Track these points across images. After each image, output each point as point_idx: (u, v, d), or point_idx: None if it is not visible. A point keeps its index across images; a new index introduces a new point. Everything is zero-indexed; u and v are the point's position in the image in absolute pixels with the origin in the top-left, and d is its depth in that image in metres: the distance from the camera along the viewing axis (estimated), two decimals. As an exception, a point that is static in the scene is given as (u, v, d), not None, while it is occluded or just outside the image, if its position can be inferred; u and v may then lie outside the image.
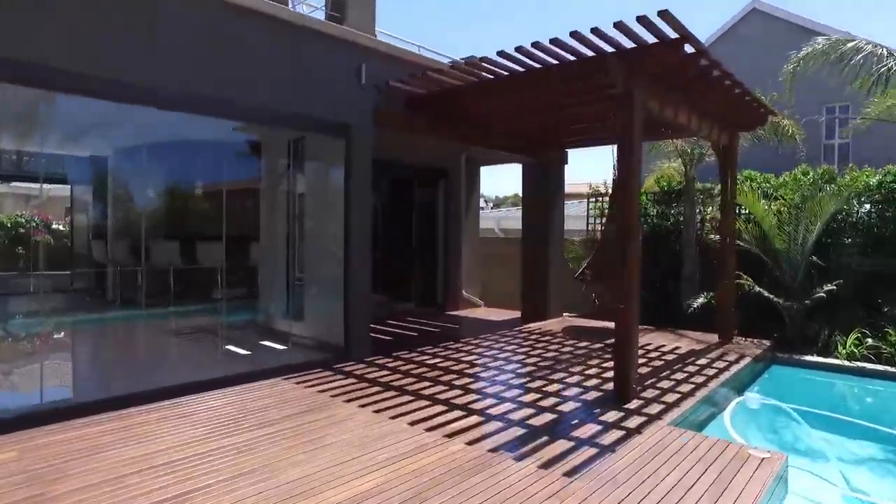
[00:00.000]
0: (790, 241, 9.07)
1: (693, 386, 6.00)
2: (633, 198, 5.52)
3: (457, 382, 6.04)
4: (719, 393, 6.21)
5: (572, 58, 5.69)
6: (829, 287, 8.70)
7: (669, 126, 7.29)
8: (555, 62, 5.87)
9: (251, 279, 8.92)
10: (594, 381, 6.13)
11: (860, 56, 8.09)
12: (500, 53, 5.82)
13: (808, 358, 8.31)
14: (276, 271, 8.29)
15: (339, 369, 6.46)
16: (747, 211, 9.87)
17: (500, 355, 7.45)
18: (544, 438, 4.40)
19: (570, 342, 8.27)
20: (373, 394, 5.55)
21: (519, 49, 5.66)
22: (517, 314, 10.85)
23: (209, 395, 5.43)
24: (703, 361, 7.14)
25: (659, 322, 10.16)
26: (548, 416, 4.95)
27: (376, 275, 10.72)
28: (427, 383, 5.95)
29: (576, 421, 4.85)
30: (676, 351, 7.71)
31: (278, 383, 5.92)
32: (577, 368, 6.70)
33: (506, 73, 6.36)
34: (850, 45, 8.33)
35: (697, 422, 5.45)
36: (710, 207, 10.77)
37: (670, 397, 5.58)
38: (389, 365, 6.73)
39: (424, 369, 6.55)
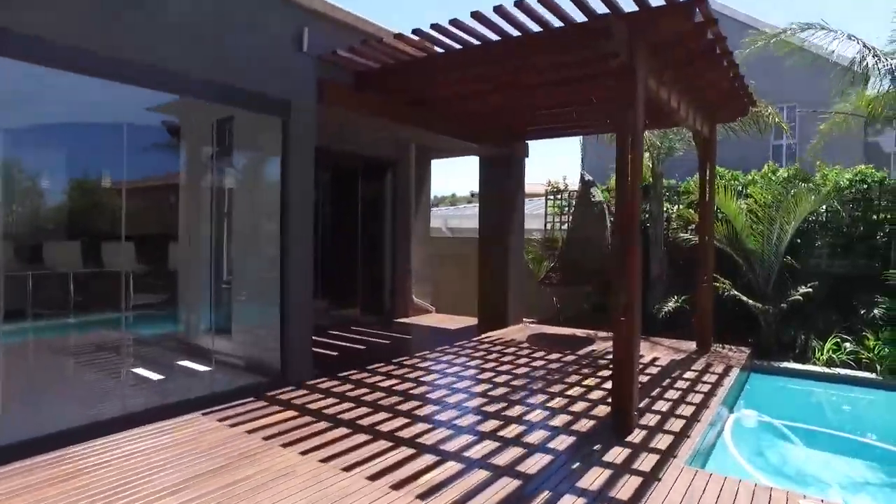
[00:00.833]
0: (764, 242, 8.56)
1: (692, 407, 5.21)
2: (634, 193, 4.66)
3: (419, 412, 5.00)
4: (717, 413, 5.47)
5: (561, 24, 4.77)
6: (804, 289, 8.23)
7: (657, 111, 6.52)
8: (539, 29, 4.93)
9: (169, 285, 7.53)
10: (581, 405, 5.24)
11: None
12: (475, 15, 4.81)
13: (787, 365, 7.80)
14: (198, 276, 6.96)
15: (275, 398, 5.28)
16: (718, 209, 9.33)
17: (465, 373, 6.46)
18: (546, 493, 3.44)
19: (539, 354, 7.38)
20: (318, 432, 4.42)
21: (498, 9, 4.68)
22: (473, 321, 9.91)
23: (95, 445, 4.12)
24: (690, 375, 6.42)
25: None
26: (541, 459, 3.99)
27: (317, 279, 9.55)
28: (384, 415, 4.88)
29: (577, 464, 3.91)
30: (657, 363, 6.97)
31: (197, 420, 4.68)
32: (557, 388, 5.80)
33: (478, 43, 5.38)
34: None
35: (704, 450, 4.66)
36: (677, 205, 10.21)
37: (673, 424, 4.76)
38: (336, 390, 5.60)
39: (378, 395, 5.47)
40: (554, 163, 44.47)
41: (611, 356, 7.22)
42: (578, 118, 7.63)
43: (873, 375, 7.29)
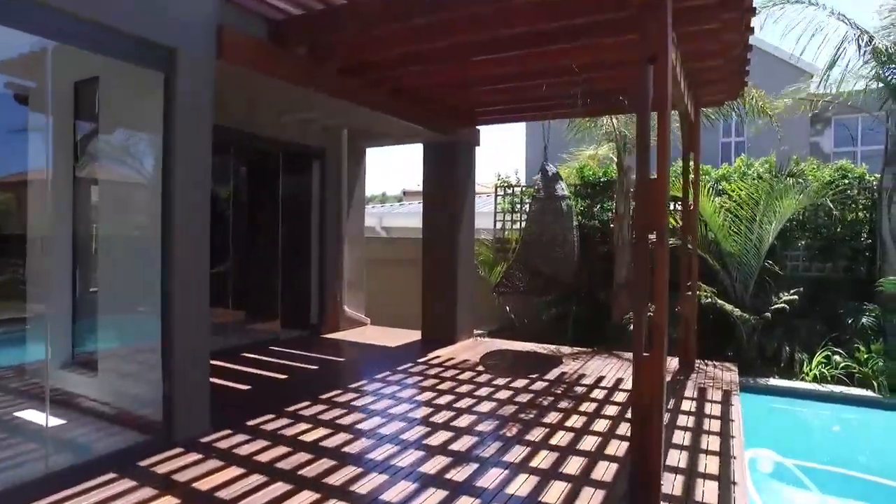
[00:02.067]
0: (743, 244, 7.67)
1: (714, 459, 4.06)
2: (662, 179, 3.41)
3: (360, 485, 3.54)
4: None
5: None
6: (788, 296, 7.39)
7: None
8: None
9: (12, 303, 5.66)
10: (578, 462, 3.95)
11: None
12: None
13: (775, 382, 6.91)
14: (50, 291, 5.16)
15: (152, 472, 3.67)
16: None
17: (415, 413, 5.05)
18: None
19: (501, 381, 6.08)
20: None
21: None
22: (414, 335, 8.50)
23: None
24: (687, 406, 5.30)
25: (590, 340, 8.37)
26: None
27: (225, 289, 7.85)
28: (310, 495, 3.39)
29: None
30: (643, 389, 5.83)
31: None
32: (538, 433, 4.50)
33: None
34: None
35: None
36: (642, 203, 9.21)
37: (701, 485, 3.57)
38: (242, 451, 4.05)
39: (305, 457, 3.96)
40: (493, 157, 43.51)
41: (587, 381, 6.17)
42: (546, 95, 6.38)
43: (871, 393, 6.49)
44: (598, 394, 5.64)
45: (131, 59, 4.02)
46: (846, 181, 7.99)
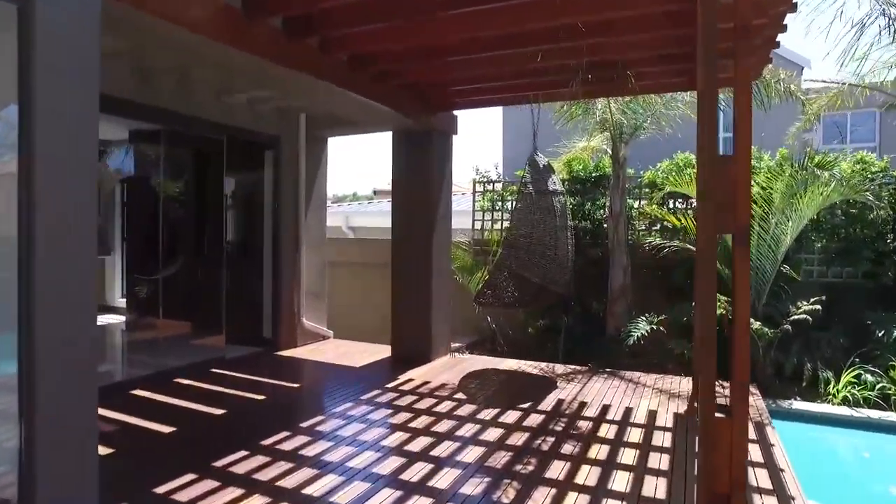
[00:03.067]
0: (756, 246, 6.75)
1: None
2: (743, 163, 2.40)
3: None
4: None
5: None
6: (809, 305, 6.51)
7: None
8: None
9: None
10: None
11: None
12: None
13: (800, 406, 6.00)
14: None
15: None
16: (695, 204, 7.48)
17: (383, 467, 3.94)
18: None
19: (489, 414, 5.01)
20: None
21: None
22: (384, 350, 7.39)
23: None
24: (717, 447, 4.31)
25: (582, 356, 7.38)
26: None
27: (155, 299, 6.64)
28: None
29: None
30: (659, 421, 4.83)
31: None
32: (542, 496, 3.44)
33: None
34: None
35: None
36: (639, 200, 8.27)
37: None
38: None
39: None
40: (466, 152, 42.09)
41: (591, 412, 5.10)
42: (538, 68, 5.31)
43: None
44: (608, 431, 4.61)
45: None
46: (869, 175, 7.15)
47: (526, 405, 5.26)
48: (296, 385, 5.92)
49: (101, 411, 4.82)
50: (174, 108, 6.05)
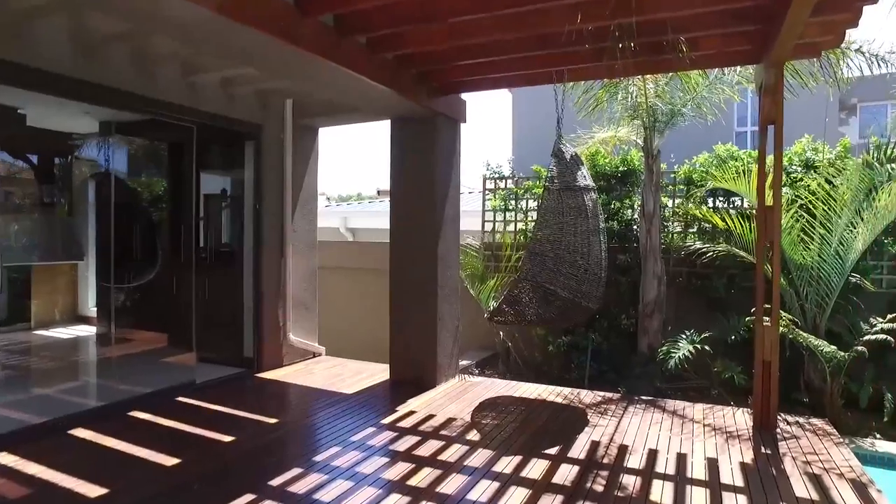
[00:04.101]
0: (819, 252, 5.73)
1: None
2: None
3: None
4: None
5: None
6: (887, 323, 5.49)
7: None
8: None
9: None
10: None
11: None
12: None
13: (890, 448, 4.95)
14: None
15: None
16: (744, 203, 6.47)
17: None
18: None
19: (511, 463, 4.01)
20: None
21: None
22: (381, 371, 6.41)
23: None
24: (811, 518, 3.31)
25: (612, 380, 6.39)
26: None
27: (109, 316, 5.71)
28: None
29: None
30: (729, 479, 3.81)
31: None
32: None
33: None
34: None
35: None
36: (673, 199, 7.25)
37: None
38: None
39: None
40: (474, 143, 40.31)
41: (635, 462, 3.92)
42: (567, 38, 4.30)
43: None
44: (662, 493, 3.59)
45: None
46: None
47: (553, 450, 4.25)
48: (274, 421, 4.93)
49: (16, 461, 3.87)
50: (132, 89, 5.08)
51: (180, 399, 5.41)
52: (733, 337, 5.97)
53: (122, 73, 4.97)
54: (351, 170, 72.79)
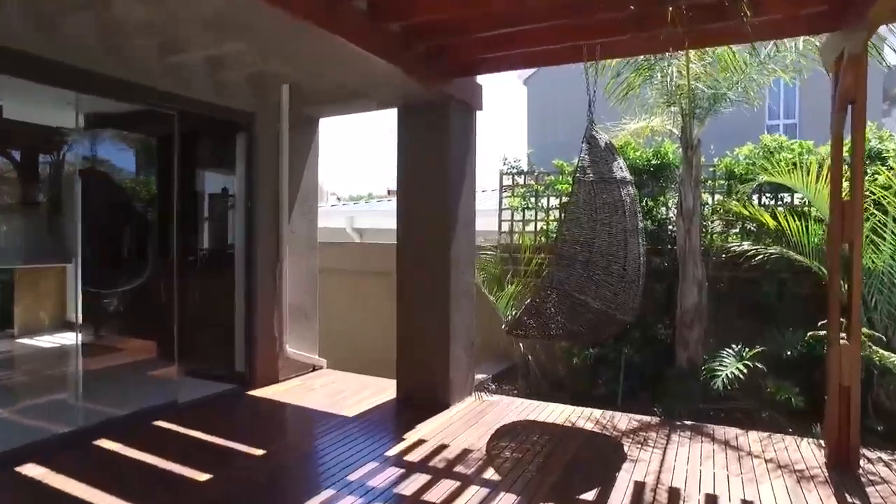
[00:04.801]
0: (893, 254, 4.97)
1: None
2: None
3: None
4: None
5: None
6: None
7: None
8: None
9: None
10: None
11: None
12: None
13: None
14: None
15: None
16: (804, 200, 5.73)
17: None
18: None
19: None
20: None
21: None
22: (388, 387, 5.73)
23: None
24: None
25: (647, 398, 5.67)
26: None
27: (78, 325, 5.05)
28: None
29: None
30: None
31: None
32: None
33: None
34: None
35: None
36: (714, 194, 6.52)
37: None
38: None
39: None
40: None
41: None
42: (594, 8, 3.59)
43: None
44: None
45: None
46: None
47: (590, 495, 3.55)
48: (261, 452, 4.27)
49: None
50: (104, 70, 4.44)
51: (158, 423, 4.75)
52: (790, 353, 5.23)
53: (90, 52, 4.33)
54: (362, 170, 72.25)
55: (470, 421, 4.93)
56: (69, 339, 5.31)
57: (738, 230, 6.30)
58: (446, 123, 5.22)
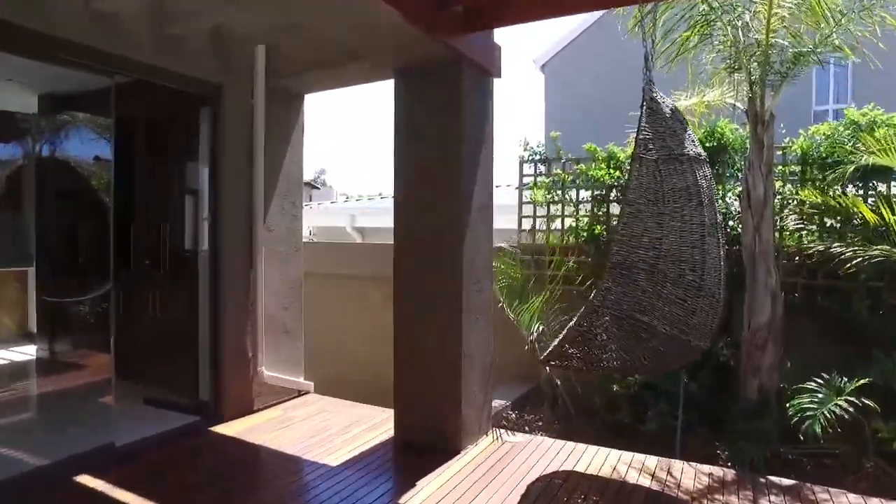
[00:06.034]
0: None
1: None
2: None
3: None
4: None
5: None
6: None
7: None
8: None
9: None
10: None
11: None
12: None
13: None
14: None
15: None
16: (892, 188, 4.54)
17: None
18: None
19: None
20: None
21: None
22: (384, 421, 4.62)
23: None
24: None
25: (709, 436, 4.53)
26: None
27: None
28: None
29: None
30: None
31: None
32: None
33: None
34: None
35: None
36: (787, 183, 5.35)
37: None
38: None
39: None
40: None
41: None
42: None
43: None
44: None
45: None
46: None
47: None
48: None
49: None
50: (33, 26, 3.36)
51: (81, 480, 3.64)
52: (901, 385, 4.06)
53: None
54: (373, 168, 71.23)
55: (488, 472, 3.80)
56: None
57: (815, 227, 5.12)
58: (457, 90, 4.08)
